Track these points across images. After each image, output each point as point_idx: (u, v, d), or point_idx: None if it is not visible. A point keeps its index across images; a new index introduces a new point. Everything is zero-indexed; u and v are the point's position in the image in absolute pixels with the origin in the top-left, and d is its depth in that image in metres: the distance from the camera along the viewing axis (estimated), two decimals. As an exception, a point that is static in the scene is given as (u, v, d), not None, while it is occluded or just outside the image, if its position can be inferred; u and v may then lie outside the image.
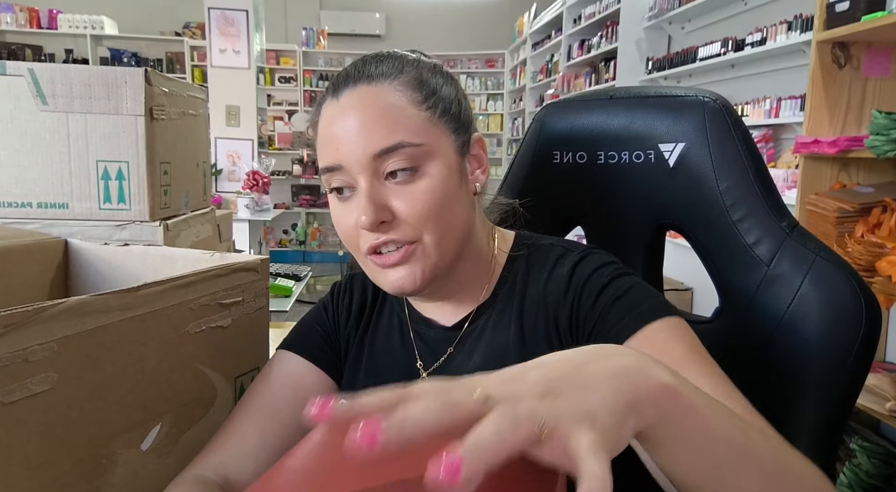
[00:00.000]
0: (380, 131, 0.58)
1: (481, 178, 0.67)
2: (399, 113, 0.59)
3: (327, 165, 0.61)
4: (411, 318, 0.71)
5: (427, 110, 0.61)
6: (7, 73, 0.90)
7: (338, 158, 0.60)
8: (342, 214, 0.62)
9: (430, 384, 0.33)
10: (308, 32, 7.05)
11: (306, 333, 0.73)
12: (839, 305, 0.60)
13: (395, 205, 0.59)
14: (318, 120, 0.63)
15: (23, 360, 0.48)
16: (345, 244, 0.65)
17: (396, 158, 0.58)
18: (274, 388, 0.67)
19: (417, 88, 0.61)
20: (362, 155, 0.58)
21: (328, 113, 0.62)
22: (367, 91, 0.60)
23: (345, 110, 0.60)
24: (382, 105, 0.59)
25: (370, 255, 0.61)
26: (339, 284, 0.77)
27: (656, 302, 0.58)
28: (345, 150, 0.59)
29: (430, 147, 0.60)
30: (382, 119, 0.59)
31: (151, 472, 0.62)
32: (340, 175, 0.60)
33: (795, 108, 2.85)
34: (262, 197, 4.00)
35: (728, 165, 0.69)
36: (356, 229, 0.61)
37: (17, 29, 6.12)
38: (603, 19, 4.69)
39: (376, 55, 0.64)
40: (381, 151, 0.58)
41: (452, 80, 0.65)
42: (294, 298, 2.51)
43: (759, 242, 0.66)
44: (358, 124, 0.59)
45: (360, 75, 0.61)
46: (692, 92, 0.73)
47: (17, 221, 0.93)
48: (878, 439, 1.86)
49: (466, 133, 0.65)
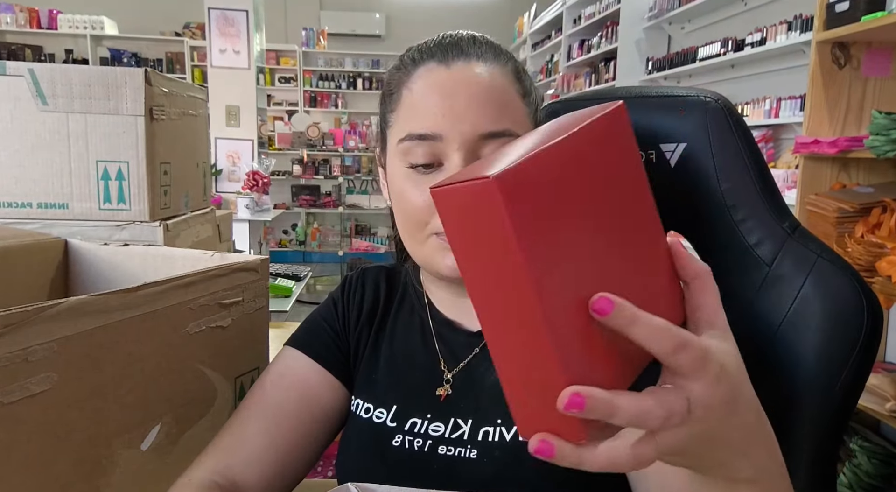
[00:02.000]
0: (492, 113, 0.56)
1: None
2: (510, 99, 0.58)
3: (421, 133, 0.56)
4: (433, 319, 0.69)
5: (528, 106, 0.60)
6: (7, 74, 0.90)
7: (438, 126, 0.56)
8: (416, 188, 0.58)
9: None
10: (308, 32, 7.05)
11: (315, 332, 0.71)
12: (841, 306, 0.60)
13: None
14: (410, 81, 0.59)
15: (23, 360, 0.48)
16: (403, 218, 0.61)
17: (498, 143, 0.56)
18: (280, 389, 0.66)
19: (521, 82, 0.60)
20: (468, 130, 0.55)
21: (433, 77, 0.58)
22: (482, 68, 0.57)
23: (457, 79, 0.57)
24: (498, 88, 0.57)
25: (440, 236, 0.58)
26: (350, 278, 0.75)
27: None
28: (449, 120, 0.55)
29: None
30: (497, 101, 0.57)
31: (151, 472, 0.62)
32: (431, 147, 0.56)
33: (795, 108, 2.85)
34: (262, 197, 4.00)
35: (730, 165, 0.69)
36: (430, 207, 0.57)
37: (17, 29, 6.12)
38: (603, 19, 4.69)
39: (481, 36, 0.61)
40: (489, 133, 0.56)
41: (536, 87, 0.65)
42: (294, 298, 2.50)
43: (761, 242, 0.66)
44: (470, 98, 0.56)
45: (472, 51, 0.58)
46: (694, 92, 0.73)
47: (17, 221, 0.93)
48: (878, 439, 1.86)
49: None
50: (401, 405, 0.65)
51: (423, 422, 0.63)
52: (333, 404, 0.68)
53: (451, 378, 0.65)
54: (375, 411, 0.65)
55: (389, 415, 0.64)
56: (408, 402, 0.65)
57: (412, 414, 0.64)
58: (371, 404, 0.66)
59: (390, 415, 0.64)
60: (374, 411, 0.65)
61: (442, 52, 0.59)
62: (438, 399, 0.64)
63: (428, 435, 0.62)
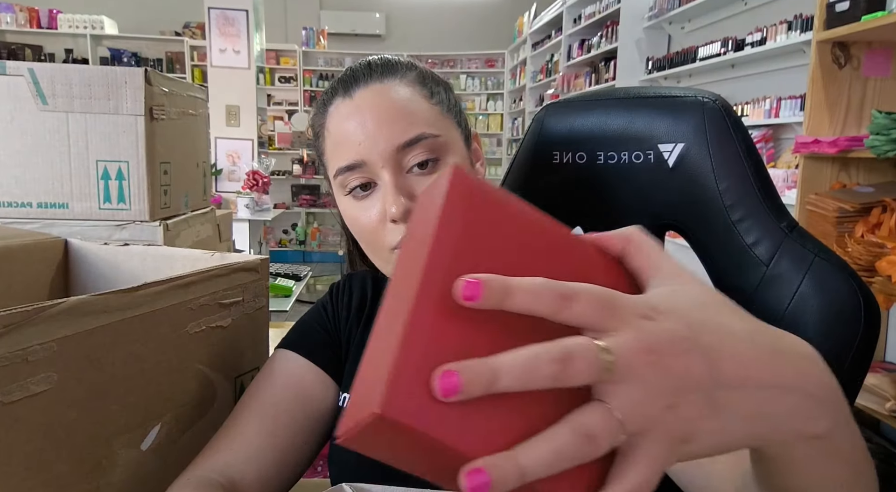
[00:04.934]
0: (400, 124, 0.59)
1: (481, 171, 0.69)
2: (415, 106, 0.61)
3: (347, 164, 0.61)
4: None
5: (437, 105, 0.63)
6: (7, 73, 0.90)
7: (359, 154, 0.60)
8: (362, 212, 0.62)
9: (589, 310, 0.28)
10: (308, 32, 7.05)
11: (306, 333, 0.73)
12: (838, 305, 0.60)
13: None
14: (327, 121, 0.64)
15: (23, 360, 0.48)
16: (364, 244, 0.65)
17: (418, 149, 0.60)
18: (276, 388, 0.67)
19: (423, 85, 0.63)
20: (385, 148, 0.59)
21: (341, 112, 0.62)
22: (381, 88, 0.61)
23: (360, 108, 0.61)
24: (399, 100, 0.61)
25: (398, 249, 0.61)
26: (337, 284, 0.77)
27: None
28: (366, 146, 0.59)
29: (446, 138, 0.61)
30: (401, 112, 0.60)
31: (151, 472, 0.62)
32: (361, 172, 0.61)
33: (795, 108, 2.85)
34: (262, 197, 4.00)
35: (727, 165, 0.69)
36: (381, 224, 0.61)
37: (17, 29, 6.12)
38: (603, 19, 4.69)
39: (378, 58, 0.66)
40: (404, 144, 0.59)
41: (446, 82, 0.68)
42: (294, 298, 2.51)
43: (759, 242, 0.66)
44: (377, 119, 0.60)
45: (370, 74, 0.62)
46: (691, 92, 0.73)
47: (17, 221, 0.93)
48: (879, 439, 1.86)
49: (466, 128, 0.67)
50: None
51: None
52: (328, 401, 0.69)
53: None
54: None
55: None
56: None
57: None
58: None
59: None
60: None
61: (343, 86, 0.63)
62: None
63: None
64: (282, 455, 0.64)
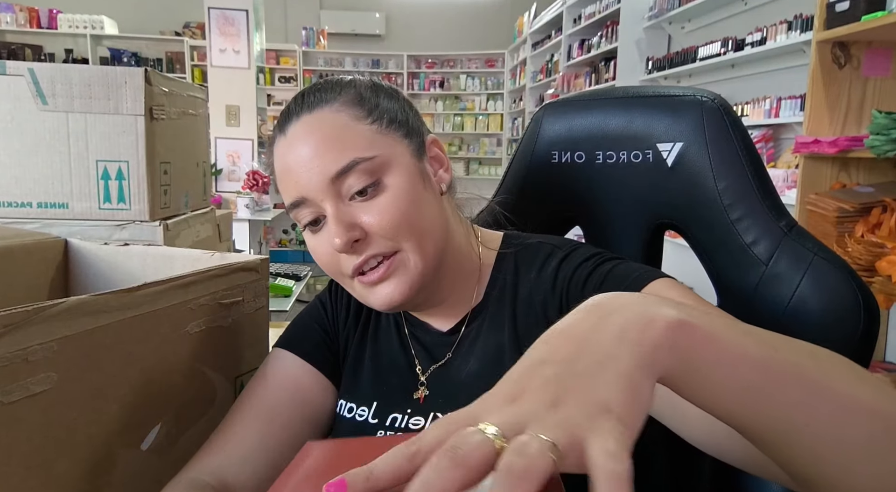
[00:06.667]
0: (331, 154, 0.59)
1: (445, 177, 0.67)
2: (346, 132, 0.60)
3: (292, 201, 0.61)
4: (408, 321, 0.71)
5: (373, 123, 0.61)
6: (7, 73, 0.90)
7: (298, 190, 0.60)
8: (318, 244, 0.63)
9: (435, 434, 0.31)
10: (308, 32, 7.05)
11: (304, 333, 0.73)
12: (837, 304, 0.60)
13: (365, 221, 0.59)
14: (273, 161, 0.64)
15: (23, 360, 0.48)
16: (327, 272, 0.65)
17: (354, 175, 0.59)
18: (271, 389, 0.67)
19: (358, 105, 0.62)
20: (320, 180, 0.59)
21: (279, 150, 0.62)
22: (310, 119, 0.61)
23: (293, 143, 0.61)
24: (328, 129, 0.60)
25: (356, 276, 0.62)
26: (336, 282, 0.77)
27: (643, 270, 0.59)
28: (304, 180, 0.59)
29: (384, 157, 0.60)
30: (330, 142, 0.59)
31: (151, 472, 0.62)
32: (307, 207, 0.61)
33: (795, 108, 2.85)
34: (262, 197, 4.00)
35: (726, 164, 0.69)
36: (335, 255, 0.61)
37: (17, 29, 6.12)
38: (603, 19, 4.69)
39: (313, 86, 0.65)
40: (337, 173, 0.58)
41: (393, 91, 0.66)
42: (294, 298, 2.51)
43: (758, 241, 0.66)
44: (309, 152, 0.59)
45: (301, 107, 0.62)
46: (690, 92, 0.73)
47: (17, 221, 0.93)
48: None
49: (419, 136, 0.65)
50: (381, 403, 0.67)
51: (404, 417, 0.65)
52: (324, 404, 0.70)
53: (425, 380, 0.67)
54: (357, 409, 0.67)
55: (370, 412, 0.66)
56: (387, 400, 0.67)
57: (392, 410, 0.66)
58: (353, 404, 0.68)
59: (371, 412, 0.66)
60: (357, 410, 0.67)
61: (280, 125, 0.63)
62: (418, 401, 0.66)
63: (409, 429, 0.63)
64: (276, 457, 0.64)
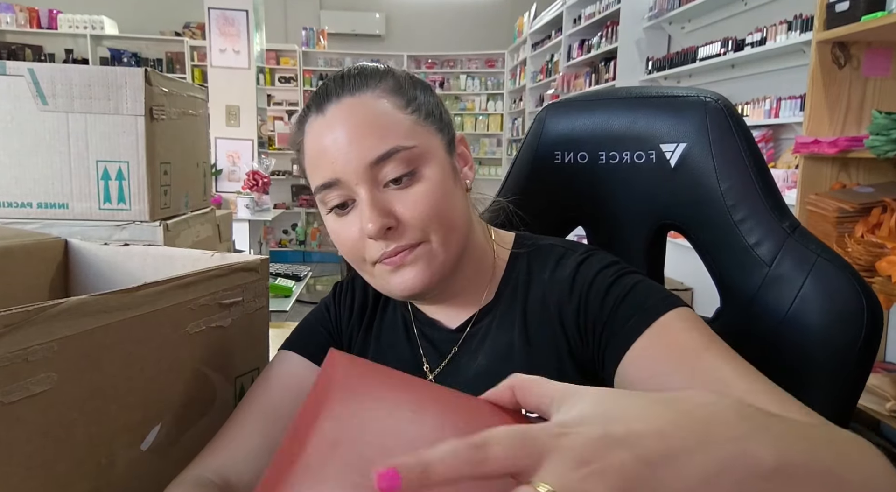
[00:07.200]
0: (372, 139, 0.58)
1: (469, 174, 0.68)
2: (387, 119, 0.60)
3: (324, 182, 0.60)
4: (416, 317, 0.71)
5: (412, 113, 0.61)
6: (7, 73, 0.90)
7: (334, 172, 0.59)
8: (343, 227, 0.62)
9: (506, 449, 0.28)
10: (308, 32, 7.04)
11: (309, 334, 0.73)
12: (841, 306, 0.60)
13: (399, 210, 0.59)
14: (304, 139, 0.63)
15: (23, 360, 0.48)
16: (348, 258, 0.64)
17: (393, 163, 0.58)
18: (275, 389, 0.67)
19: (399, 94, 0.62)
20: (359, 165, 0.58)
21: (315, 129, 0.61)
22: (352, 102, 0.60)
23: (333, 124, 0.60)
24: (370, 113, 0.60)
25: (380, 262, 0.61)
26: (341, 284, 0.77)
27: (663, 296, 0.59)
28: (341, 163, 0.59)
29: (422, 149, 0.60)
30: (373, 127, 0.59)
31: (151, 472, 0.62)
32: (338, 190, 0.60)
33: (795, 108, 2.85)
34: (262, 197, 4.00)
35: (730, 165, 0.69)
36: (361, 241, 0.61)
37: (17, 29, 6.12)
38: (603, 19, 4.69)
39: (352, 69, 0.64)
40: (377, 159, 0.58)
41: (427, 85, 0.67)
42: (294, 298, 2.50)
43: (761, 242, 0.66)
44: (349, 135, 0.59)
45: (342, 88, 0.61)
46: (693, 92, 0.73)
47: (17, 221, 0.93)
48: (878, 439, 1.86)
49: (450, 132, 0.66)
50: None
51: None
52: None
53: (432, 378, 0.67)
54: None
55: None
56: None
57: None
58: None
59: None
60: None
61: (317, 103, 0.62)
62: None
63: None
64: None
